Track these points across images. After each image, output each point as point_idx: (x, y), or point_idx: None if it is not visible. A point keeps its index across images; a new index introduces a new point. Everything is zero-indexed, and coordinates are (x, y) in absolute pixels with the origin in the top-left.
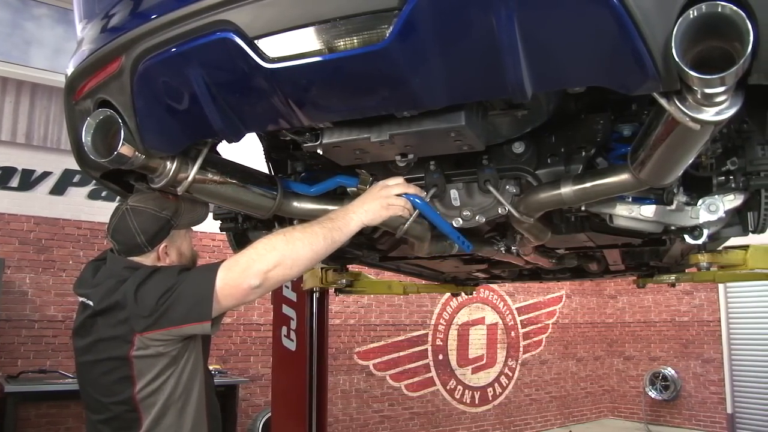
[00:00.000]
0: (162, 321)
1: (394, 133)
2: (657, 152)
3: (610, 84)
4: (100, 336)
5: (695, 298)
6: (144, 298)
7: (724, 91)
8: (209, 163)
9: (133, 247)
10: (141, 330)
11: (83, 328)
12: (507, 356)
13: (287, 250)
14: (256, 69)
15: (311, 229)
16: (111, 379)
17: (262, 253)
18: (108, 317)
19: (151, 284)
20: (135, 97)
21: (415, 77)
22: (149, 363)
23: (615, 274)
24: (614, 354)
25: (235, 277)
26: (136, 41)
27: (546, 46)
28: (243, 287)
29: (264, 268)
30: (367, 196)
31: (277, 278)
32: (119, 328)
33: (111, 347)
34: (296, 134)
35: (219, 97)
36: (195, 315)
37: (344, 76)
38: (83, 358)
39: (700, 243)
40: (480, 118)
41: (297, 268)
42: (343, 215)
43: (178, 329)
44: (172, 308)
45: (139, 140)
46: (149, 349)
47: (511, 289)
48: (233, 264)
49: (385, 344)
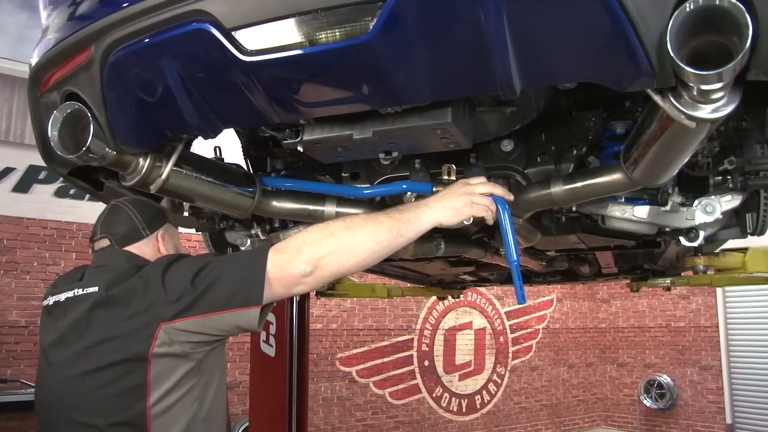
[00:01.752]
0: (198, 305)
1: (378, 130)
2: (651, 151)
3: (601, 80)
4: (107, 335)
5: (692, 302)
6: (173, 280)
7: (721, 88)
8: (184, 160)
9: (131, 232)
10: (169, 317)
11: (72, 332)
12: (495, 362)
13: (345, 238)
14: (233, 62)
15: (375, 217)
16: (115, 390)
17: (317, 237)
18: (119, 309)
19: (182, 265)
20: (105, 90)
21: (400, 72)
22: (170, 366)
23: (608, 277)
24: (607, 360)
25: (286, 260)
26: (106, 31)
27: (536, 40)
28: (293, 273)
29: (317, 254)
30: (447, 192)
31: (330, 268)
32: (136, 320)
33: (122, 346)
34: (276, 130)
35: (195, 91)
36: (241, 298)
37: (326, 71)
38: (68, 372)
39: (696, 245)
40: (467, 115)
41: (354, 259)
42: (414, 208)
43: (219, 317)
44: (212, 289)
45: (110, 135)
46: (174, 345)
47: (499, 292)
48: (284, 246)
49: (368, 350)
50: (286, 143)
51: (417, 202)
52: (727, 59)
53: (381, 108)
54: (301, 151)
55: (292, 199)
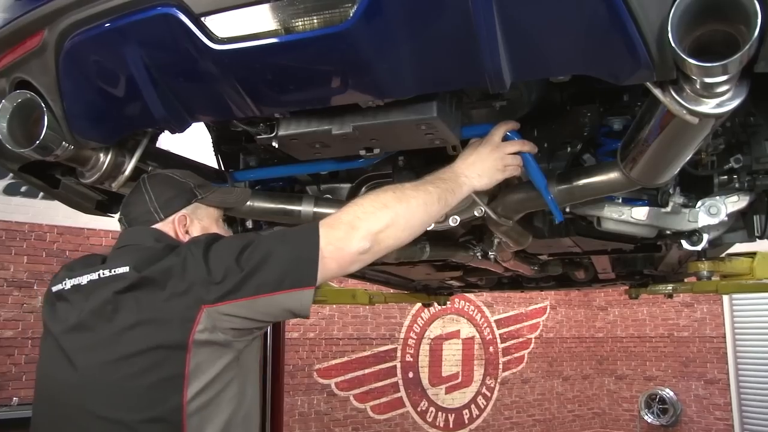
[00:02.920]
0: (245, 286)
1: (358, 125)
2: (650, 149)
3: (597, 73)
4: (140, 318)
5: (696, 310)
6: (216, 259)
7: (727, 81)
8: (149, 155)
9: (141, 215)
10: (213, 300)
11: (97, 317)
12: (485, 374)
13: (401, 209)
14: (202, 50)
15: (424, 187)
16: (148, 381)
17: (370, 210)
18: (154, 290)
19: (225, 243)
20: (61, 78)
21: (382, 63)
22: (211, 355)
23: (605, 283)
24: (605, 372)
25: (340, 236)
26: (61, 13)
27: (527, 29)
28: (350, 250)
29: (375, 227)
30: (477, 156)
31: (388, 242)
32: (175, 303)
33: (158, 331)
34: (249, 125)
35: (160, 82)
36: (294, 278)
37: (302, 61)
38: (90, 359)
39: (699, 249)
40: (454, 110)
41: (409, 231)
42: (455, 177)
43: (268, 299)
44: (261, 269)
45: (67, 128)
46: (216, 332)
47: (489, 299)
48: (334, 221)
49: (348, 360)
50: (259, 138)
51: (451, 170)
52: (734, 50)
53: (362, 102)
54: (276, 147)
55: (266, 198)
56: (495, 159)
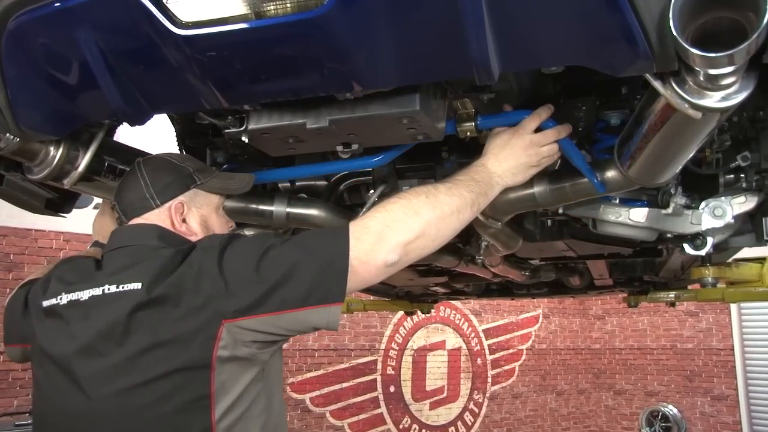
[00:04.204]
0: (269, 301)
1: (335, 118)
2: (650, 145)
3: (593, 63)
4: (156, 340)
5: (701, 320)
6: (234, 268)
7: (733, 72)
8: (106, 150)
9: (136, 202)
10: (233, 314)
11: (105, 340)
12: (472, 388)
13: (433, 217)
14: (164, 35)
15: (458, 190)
16: (172, 406)
17: (401, 218)
18: (168, 307)
19: (241, 248)
20: (4, 63)
21: (360, 51)
22: (236, 371)
23: (601, 290)
24: (602, 387)
25: (368, 249)
26: None
27: (517, 15)
28: (376, 264)
29: (404, 238)
30: (510, 152)
31: (417, 254)
32: (192, 319)
33: (178, 352)
34: (216, 117)
35: (118, 69)
36: (321, 294)
37: (274, 49)
38: (106, 388)
39: (703, 254)
40: (438, 103)
41: (439, 241)
42: (487, 177)
43: (293, 315)
44: (286, 282)
45: (11, 119)
46: (238, 347)
47: (477, 307)
48: (362, 230)
49: (324, 373)
50: (228, 132)
51: (482, 166)
52: (741, 38)
53: (338, 93)
54: (246, 142)
55: (235, 198)
56: (530, 155)
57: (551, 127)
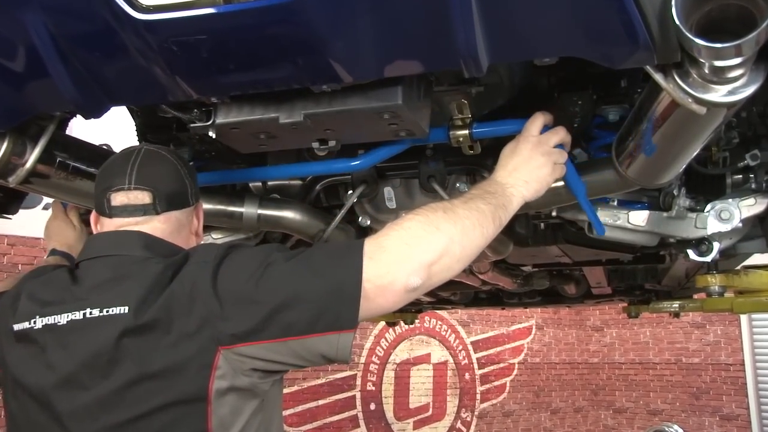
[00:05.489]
0: (271, 326)
1: (311, 113)
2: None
3: (589, 54)
4: (145, 371)
5: (708, 332)
6: (230, 287)
7: (741, 64)
8: (58, 145)
9: (179, 195)
10: (230, 340)
11: (88, 371)
12: (460, 406)
13: (456, 232)
14: (123, 20)
15: (475, 203)
16: None
17: (421, 235)
18: (159, 334)
19: (237, 263)
20: None
21: (338, 40)
22: (237, 405)
23: (599, 299)
24: (601, 405)
25: (384, 272)
26: None
27: (507, 2)
28: (396, 288)
29: (428, 258)
30: (520, 159)
31: (440, 277)
32: (186, 346)
33: (170, 384)
34: (181, 111)
35: (71, 56)
36: (330, 320)
37: (244, 36)
38: (90, 425)
39: (709, 261)
40: (422, 96)
41: (464, 261)
42: (502, 189)
43: (299, 342)
44: (290, 305)
45: None
46: (237, 376)
47: (465, 317)
48: (377, 250)
49: (299, 390)
50: (193, 127)
51: (495, 182)
52: (749, 27)
53: (314, 86)
54: (214, 138)
55: (203, 197)
56: (540, 155)
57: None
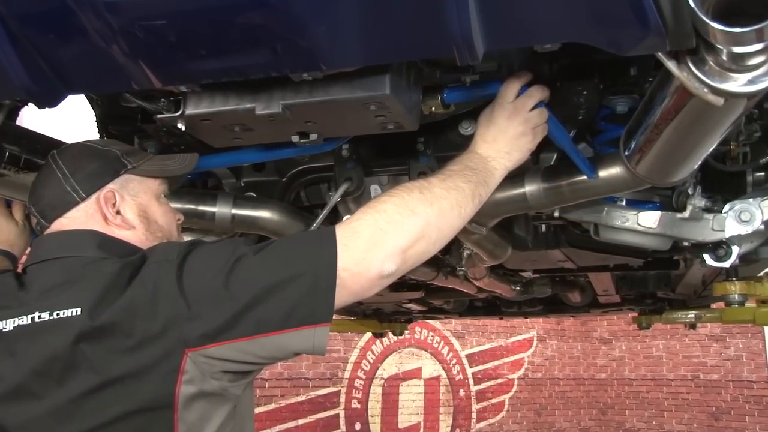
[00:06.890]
0: (241, 323)
1: (290, 103)
2: (662, 137)
3: (594, 40)
4: (105, 377)
5: (728, 346)
6: (197, 286)
7: (762, 50)
8: (7, 137)
9: (55, 199)
10: (198, 341)
11: (42, 379)
12: (454, 425)
13: (432, 215)
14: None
15: (454, 182)
16: None
17: (396, 219)
18: (119, 338)
19: (203, 258)
20: None
21: (320, 23)
22: (206, 411)
23: (607, 308)
24: (609, 425)
25: (359, 258)
26: None
27: None
28: (369, 275)
29: (402, 242)
30: (497, 129)
31: (415, 260)
32: (149, 350)
33: (132, 391)
34: (146, 100)
35: (22, 38)
36: (304, 314)
37: (217, 19)
38: None
39: (727, 266)
40: (412, 86)
41: (440, 243)
42: (484, 163)
43: (271, 338)
44: (262, 300)
45: None
46: (206, 380)
47: (459, 328)
48: (351, 235)
49: (276, 408)
50: (160, 118)
51: (476, 155)
52: None
53: (294, 74)
54: (183, 130)
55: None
56: (519, 124)
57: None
